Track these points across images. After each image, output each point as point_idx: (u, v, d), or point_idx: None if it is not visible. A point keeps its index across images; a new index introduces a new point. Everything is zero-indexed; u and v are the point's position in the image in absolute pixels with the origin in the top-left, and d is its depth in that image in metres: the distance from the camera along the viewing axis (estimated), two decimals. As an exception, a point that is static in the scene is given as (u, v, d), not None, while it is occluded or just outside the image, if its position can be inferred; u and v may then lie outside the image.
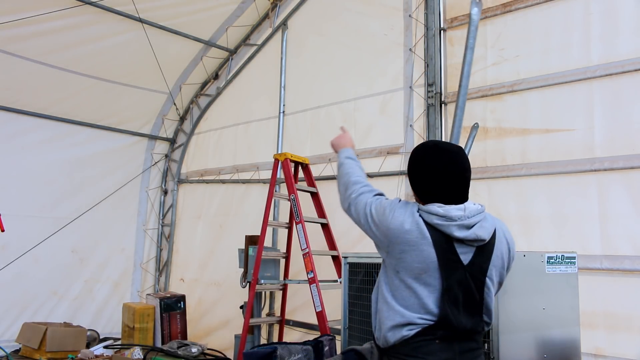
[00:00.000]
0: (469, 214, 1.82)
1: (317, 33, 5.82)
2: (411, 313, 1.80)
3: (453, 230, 1.80)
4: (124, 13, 5.69)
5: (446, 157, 1.89)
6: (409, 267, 1.81)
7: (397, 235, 1.82)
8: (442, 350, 1.80)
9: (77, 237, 6.44)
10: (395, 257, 1.84)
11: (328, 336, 3.70)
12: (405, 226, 1.81)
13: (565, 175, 3.86)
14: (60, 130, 6.38)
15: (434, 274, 1.80)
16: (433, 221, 1.81)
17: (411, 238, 1.80)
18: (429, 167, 1.90)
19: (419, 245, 1.80)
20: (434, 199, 1.87)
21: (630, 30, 3.69)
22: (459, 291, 1.81)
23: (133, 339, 5.61)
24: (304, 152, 5.44)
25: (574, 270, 2.66)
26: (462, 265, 1.82)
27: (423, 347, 1.79)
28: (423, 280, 1.80)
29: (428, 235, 1.80)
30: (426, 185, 1.90)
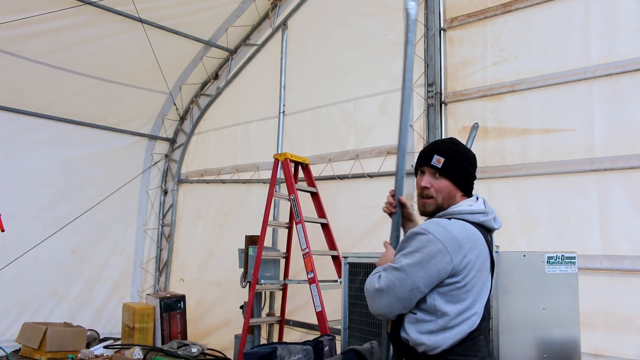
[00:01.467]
0: (488, 206, 1.95)
1: (317, 33, 5.82)
2: (477, 318, 1.81)
3: (493, 223, 1.92)
4: (124, 13, 5.69)
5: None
6: (475, 273, 1.80)
7: (458, 249, 1.76)
8: (484, 345, 1.85)
9: (77, 237, 6.44)
10: (463, 272, 1.78)
11: (328, 336, 3.70)
12: (459, 236, 1.78)
13: (565, 175, 3.86)
14: (60, 130, 6.38)
15: (489, 269, 1.87)
16: (479, 219, 1.87)
17: (471, 244, 1.80)
18: (474, 160, 2.00)
19: (479, 246, 1.83)
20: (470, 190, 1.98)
21: (630, 30, 3.69)
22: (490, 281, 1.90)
23: (133, 339, 5.61)
24: (304, 152, 5.44)
25: (574, 270, 2.66)
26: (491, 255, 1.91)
27: (474, 345, 1.81)
28: (485, 279, 1.85)
29: (480, 234, 1.85)
30: (472, 177, 1.98)
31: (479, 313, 1.81)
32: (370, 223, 4.79)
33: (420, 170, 2.00)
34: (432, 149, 1.98)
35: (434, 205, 1.95)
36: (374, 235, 4.70)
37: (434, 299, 1.79)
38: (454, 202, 1.94)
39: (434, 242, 1.75)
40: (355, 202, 4.97)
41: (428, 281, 1.75)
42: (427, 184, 1.95)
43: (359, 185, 5.08)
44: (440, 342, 1.78)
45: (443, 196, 1.93)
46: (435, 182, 1.94)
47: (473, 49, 4.49)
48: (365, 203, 4.91)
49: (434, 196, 1.94)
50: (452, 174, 1.92)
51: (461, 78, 4.54)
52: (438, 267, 1.74)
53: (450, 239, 1.75)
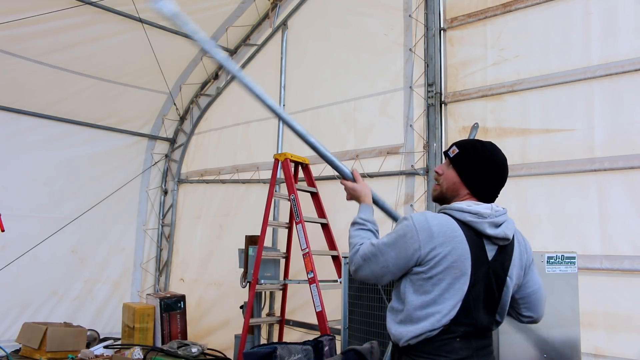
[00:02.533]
0: (495, 213, 1.88)
1: (317, 33, 5.82)
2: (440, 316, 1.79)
3: (485, 227, 1.84)
4: (124, 13, 5.69)
5: (503, 158, 1.97)
6: (442, 267, 1.80)
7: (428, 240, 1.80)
8: (461, 348, 1.81)
9: (77, 237, 6.44)
10: (429, 263, 1.80)
11: (328, 336, 3.70)
12: (434, 229, 1.80)
13: (565, 175, 3.86)
14: (60, 130, 6.37)
15: (467, 270, 1.81)
16: (466, 218, 1.84)
17: (444, 239, 1.80)
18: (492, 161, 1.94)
19: (454, 243, 1.80)
20: (479, 193, 1.93)
21: (630, 30, 3.69)
22: (481, 287, 1.84)
23: (133, 339, 5.61)
24: (304, 152, 5.44)
25: (574, 270, 2.66)
26: (487, 261, 1.86)
27: (445, 346, 1.79)
28: (457, 279, 1.81)
29: (461, 232, 1.82)
30: (484, 180, 1.93)
31: (444, 312, 1.78)
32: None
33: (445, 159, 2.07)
34: (456, 141, 2.03)
35: (437, 192, 2.02)
36: (374, 235, 4.69)
37: (405, 285, 1.86)
38: (458, 196, 1.94)
39: (410, 228, 1.82)
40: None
41: (397, 263, 1.83)
42: (440, 170, 2.02)
43: (359, 185, 5.08)
44: (403, 333, 1.82)
45: (447, 186, 1.97)
46: (446, 171, 1.99)
47: (473, 49, 4.49)
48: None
49: (440, 183, 2.00)
50: (461, 167, 1.94)
51: (461, 78, 4.54)
52: (407, 252, 1.81)
53: (425, 228, 1.80)
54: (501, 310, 1.94)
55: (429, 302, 1.79)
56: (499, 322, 1.98)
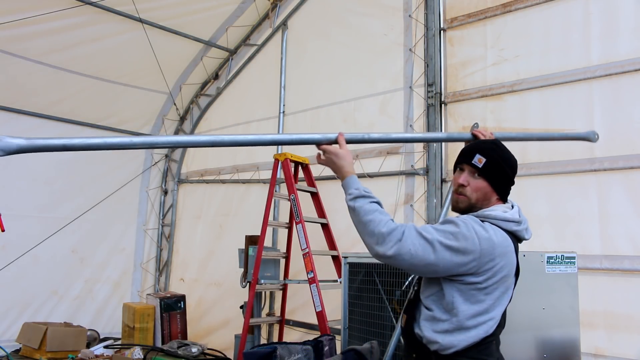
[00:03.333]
0: (522, 216, 1.93)
1: (317, 33, 5.82)
2: (490, 323, 1.81)
3: (524, 234, 1.91)
4: (124, 13, 5.69)
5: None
6: (498, 277, 1.79)
7: (490, 251, 1.75)
8: (496, 349, 1.87)
9: (77, 237, 6.44)
10: (485, 274, 1.77)
11: (328, 336, 3.70)
12: (495, 240, 1.78)
13: (565, 175, 3.86)
14: (60, 130, 6.37)
15: (513, 277, 1.87)
16: (512, 228, 1.85)
17: (503, 250, 1.79)
18: (514, 164, 1.96)
19: (508, 253, 1.82)
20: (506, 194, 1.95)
21: (630, 30, 3.69)
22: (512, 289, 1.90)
23: (133, 338, 5.61)
24: (304, 152, 5.44)
25: (573, 270, 2.66)
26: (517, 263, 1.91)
27: (486, 349, 1.81)
28: (507, 286, 1.85)
29: (511, 242, 1.85)
30: (510, 182, 1.95)
31: (496, 319, 1.81)
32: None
33: (459, 167, 1.97)
34: (475, 147, 1.94)
35: (466, 203, 1.92)
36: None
37: (452, 295, 1.78)
38: (488, 205, 1.91)
39: (471, 234, 1.74)
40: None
41: (448, 266, 1.73)
42: (465, 181, 1.91)
43: (359, 185, 5.08)
44: (455, 342, 1.77)
45: (478, 196, 1.90)
46: (472, 181, 1.91)
47: (473, 49, 4.49)
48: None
49: (468, 195, 1.91)
50: (492, 175, 1.89)
51: (461, 78, 4.54)
52: (462, 260, 1.73)
53: (486, 239, 1.75)
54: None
55: (482, 311, 1.78)
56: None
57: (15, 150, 1.72)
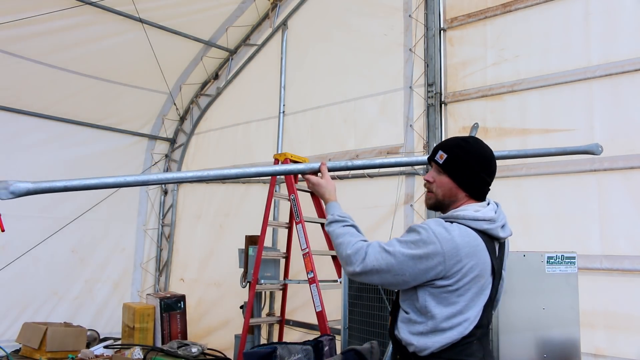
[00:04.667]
0: (499, 213, 1.88)
1: (317, 33, 5.82)
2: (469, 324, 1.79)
3: (499, 232, 1.85)
4: (124, 13, 5.69)
5: (491, 152, 1.94)
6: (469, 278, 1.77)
7: (453, 254, 1.74)
8: (478, 349, 1.82)
9: (77, 237, 6.44)
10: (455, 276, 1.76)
11: (328, 336, 3.70)
12: (458, 240, 1.75)
13: (565, 175, 3.86)
14: (60, 130, 6.37)
15: (489, 276, 1.82)
16: (483, 227, 1.81)
17: (469, 250, 1.77)
18: (485, 159, 1.90)
19: (477, 253, 1.78)
20: (478, 193, 1.90)
21: (630, 30, 3.69)
22: (493, 288, 1.87)
23: (133, 339, 5.61)
24: (304, 152, 5.44)
25: (574, 270, 2.66)
26: (498, 262, 1.88)
27: (466, 350, 1.79)
28: (481, 287, 1.81)
29: (481, 241, 1.80)
30: (480, 180, 1.89)
31: (472, 319, 1.78)
32: (371, 223, 4.79)
33: (430, 164, 2.00)
34: (439, 144, 1.97)
35: (433, 200, 1.95)
36: (374, 235, 4.69)
37: (425, 299, 1.79)
38: (456, 201, 1.90)
39: (431, 240, 1.74)
40: (355, 202, 4.97)
41: (415, 275, 1.76)
42: (430, 178, 1.95)
43: (359, 185, 5.09)
44: (429, 344, 1.77)
45: (444, 193, 1.91)
46: (437, 178, 1.92)
47: (473, 49, 4.49)
48: (365, 203, 4.92)
49: (434, 191, 1.94)
50: (453, 171, 1.89)
51: (461, 78, 4.55)
52: (428, 265, 1.74)
53: (448, 241, 1.74)
54: (496, 303, 1.99)
55: (456, 313, 1.77)
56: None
57: (24, 193, 1.95)
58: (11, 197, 1.93)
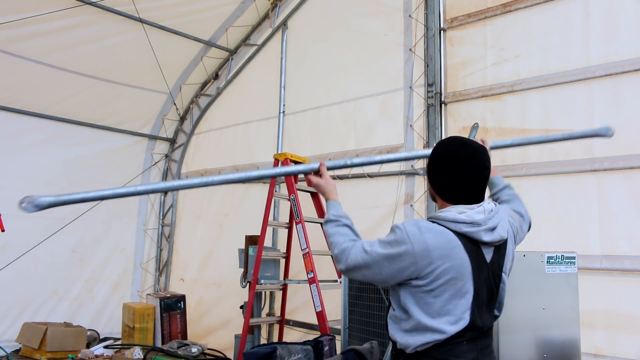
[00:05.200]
0: (490, 216, 1.81)
1: (317, 33, 5.82)
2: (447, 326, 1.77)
3: (482, 235, 1.79)
4: (124, 13, 5.69)
5: (472, 151, 1.86)
6: (444, 280, 1.76)
7: (425, 255, 1.75)
8: (469, 350, 1.80)
9: (77, 237, 6.44)
10: (428, 277, 1.76)
11: (328, 336, 3.70)
12: (430, 242, 1.75)
13: (565, 175, 3.86)
14: (60, 130, 6.37)
15: (469, 279, 1.78)
16: (462, 229, 1.78)
17: (442, 252, 1.75)
18: (457, 160, 1.84)
19: (453, 255, 1.75)
20: (457, 196, 1.85)
21: (630, 30, 3.69)
22: (484, 291, 1.83)
23: (133, 339, 5.61)
24: (304, 152, 5.44)
25: (574, 270, 2.66)
26: (487, 265, 1.83)
27: (453, 350, 1.78)
28: (459, 289, 1.77)
29: (459, 243, 1.77)
30: (452, 181, 1.85)
31: (453, 322, 1.76)
32: (371, 223, 4.79)
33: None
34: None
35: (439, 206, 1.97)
36: (374, 235, 4.65)
37: (405, 297, 1.81)
38: (441, 205, 1.90)
39: (404, 240, 1.76)
40: (355, 202, 4.97)
41: (391, 274, 1.80)
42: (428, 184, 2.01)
43: (359, 185, 5.09)
44: (410, 342, 1.79)
45: (431, 196, 1.98)
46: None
47: (473, 49, 4.49)
48: (365, 203, 4.92)
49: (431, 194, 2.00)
50: (429, 176, 1.94)
51: (461, 78, 4.55)
52: (401, 265, 1.77)
53: (420, 242, 1.74)
54: (499, 305, 1.94)
55: (433, 314, 1.77)
56: (497, 316, 1.97)
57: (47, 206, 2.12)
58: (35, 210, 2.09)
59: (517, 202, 2.31)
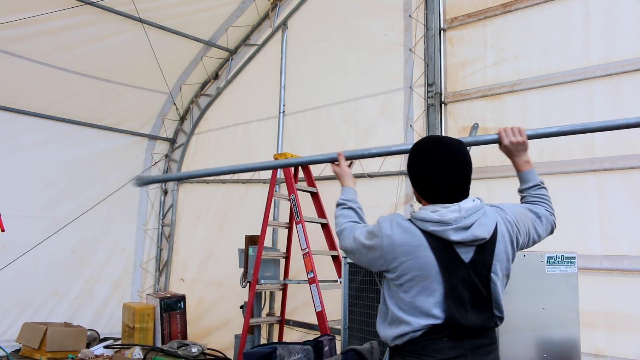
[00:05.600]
0: (465, 214, 1.80)
1: (317, 33, 5.82)
2: (417, 319, 1.80)
3: (450, 234, 1.78)
4: (124, 13, 5.69)
5: (444, 150, 1.86)
6: (409, 276, 1.81)
7: (391, 250, 1.83)
8: (450, 347, 1.79)
9: (77, 237, 6.44)
10: (395, 272, 1.83)
11: (328, 336, 3.70)
12: (396, 238, 1.82)
13: (565, 175, 3.86)
14: (60, 130, 6.38)
15: (436, 277, 1.79)
16: (428, 228, 1.80)
17: (407, 248, 1.80)
18: (428, 160, 1.86)
19: (416, 253, 1.79)
20: (434, 196, 1.86)
21: (630, 30, 3.69)
22: (464, 290, 1.81)
23: (133, 339, 5.61)
24: (304, 152, 5.44)
25: (574, 270, 2.66)
26: (464, 264, 1.81)
27: (431, 346, 1.79)
28: (426, 287, 1.79)
29: (424, 241, 1.79)
30: (426, 181, 1.87)
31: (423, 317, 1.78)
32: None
33: None
34: None
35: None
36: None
37: (385, 289, 1.92)
38: (422, 204, 1.93)
39: (376, 234, 1.88)
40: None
41: (368, 263, 1.96)
42: None
43: (359, 185, 5.02)
44: (388, 334, 1.87)
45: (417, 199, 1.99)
46: None
47: (473, 49, 4.49)
48: (365, 203, 4.85)
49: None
50: (410, 176, 1.96)
51: (461, 78, 4.54)
52: (373, 256, 1.90)
53: (387, 237, 1.84)
54: (496, 306, 1.88)
55: (404, 308, 1.82)
56: (501, 317, 1.92)
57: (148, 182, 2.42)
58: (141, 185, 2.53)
59: (541, 204, 2.17)
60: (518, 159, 2.22)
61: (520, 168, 2.22)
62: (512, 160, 2.24)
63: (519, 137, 2.20)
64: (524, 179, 2.21)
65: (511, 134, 2.20)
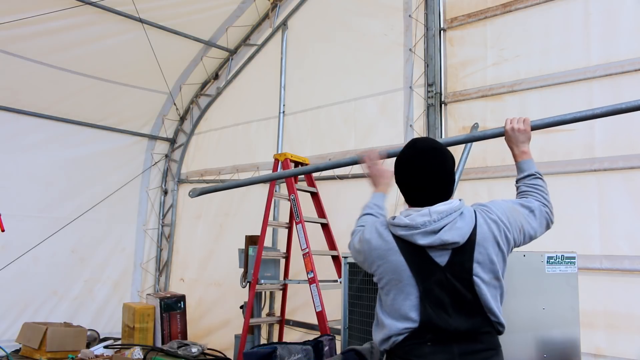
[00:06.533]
0: (436, 218, 1.78)
1: (317, 33, 5.82)
2: (396, 323, 1.84)
3: (417, 238, 1.79)
4: (124, 13, 5.69)
5: (420, 156, 1.87)
6: (386, 280, 1.88)
7: (369, 254, 1.92)
8: (435, 352, 1.77)
9: (77, 237, 6.44)
10: (376, 275, 1.92)
11: (328, 336, 3.70)
12: (373, 243, 1.90)
13: (565, 175, 3.86)
14: (60, 130, 6.37)
15: (409, 281, 1.81)
16: (398, 233, 1.84)
17: (380, 252, 1.88)
18: (405, 165, 1.91)
19: (387, 257, 1.85)
20: (409, 199, 1.92)
21: (630, 31, 3.69)
22: (442, 293, 1.78)
23: (133, 339, 5.61)
24: (304, 152, 5.44)
25: (573, 270, 2.66)
26: (440, 267, 1.79)
27: (414, 350, 1.80)
28: (401, 289, 1.83)
29: (394, 245, 1.84)
30: (403, 185, 1.93)
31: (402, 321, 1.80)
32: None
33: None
34: None
35: None
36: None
37: (378, 294, 1.96)
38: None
39: (362, 239, 1.97)
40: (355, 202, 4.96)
41: (361, 264, 2.02)
42: None
43: (359, 185, 5.08)
44: (376, 337, 1.91)
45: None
46: None
47: (473, 49, 4.49)
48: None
49: None
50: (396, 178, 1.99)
51: (461, 78, 4.54)
52: (362, 260, 1.99)
53: (366, 242, 1.93)
54: (488, 310, 1.81)
55: (387, 310, 1.87)
56: (498, 323, 1.85)
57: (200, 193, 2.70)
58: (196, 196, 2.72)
59: (534, 194, 2.10)
60: (517, 149, 2.26)
61: (517, 158, 2.25)
62: (512, 150, 2.27)
63: (521, 125, 2.26)
64: (520, 168, 2.21)
65: (515, 121, 2.29)
